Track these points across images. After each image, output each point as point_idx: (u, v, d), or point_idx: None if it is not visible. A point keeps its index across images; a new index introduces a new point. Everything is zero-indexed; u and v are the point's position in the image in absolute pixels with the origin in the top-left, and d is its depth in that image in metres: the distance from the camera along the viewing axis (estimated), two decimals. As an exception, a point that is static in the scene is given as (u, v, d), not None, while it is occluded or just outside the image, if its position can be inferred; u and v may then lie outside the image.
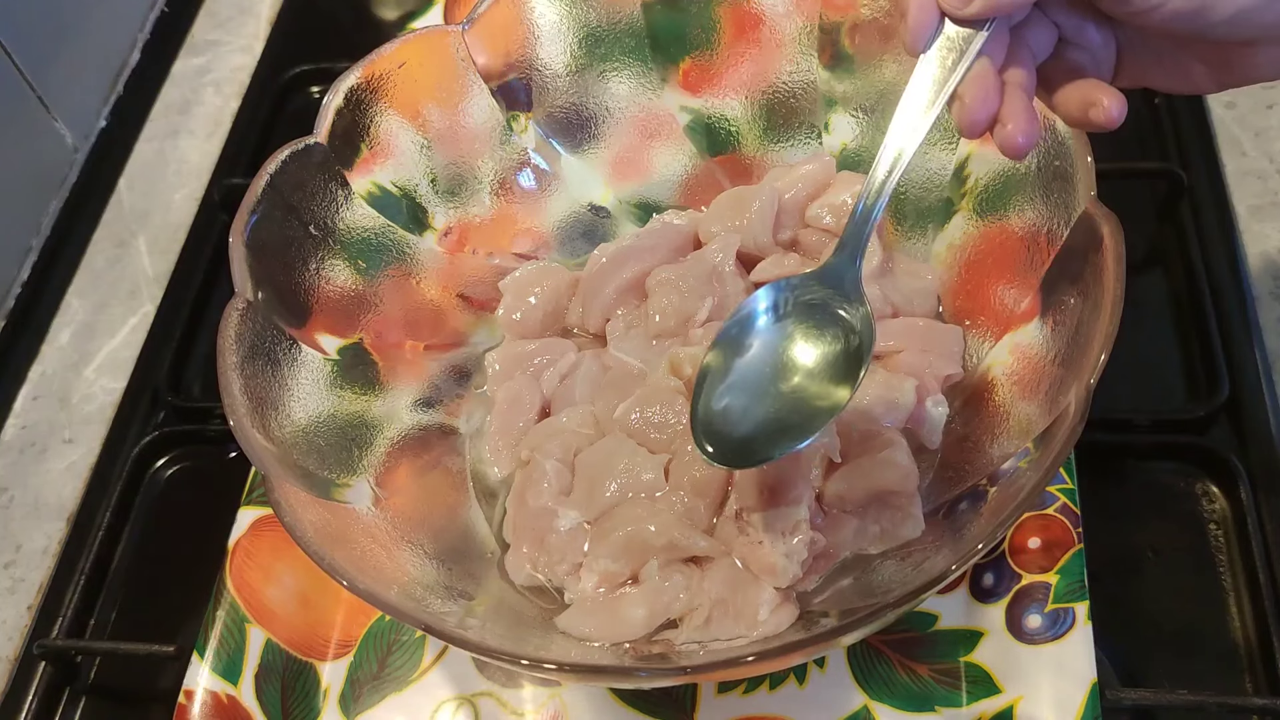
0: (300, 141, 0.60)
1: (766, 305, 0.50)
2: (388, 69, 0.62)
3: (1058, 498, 0.58)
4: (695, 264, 0.63)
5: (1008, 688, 0.54)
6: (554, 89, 0.68)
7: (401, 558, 0.54)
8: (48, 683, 0.63)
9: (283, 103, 0.89)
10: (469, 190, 0.67)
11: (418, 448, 0.62)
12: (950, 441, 0.58)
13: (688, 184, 0.70)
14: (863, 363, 0.48)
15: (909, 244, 0.65)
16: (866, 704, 0.55)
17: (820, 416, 0.48)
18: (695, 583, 0.54)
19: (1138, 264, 0.70)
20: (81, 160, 0.86)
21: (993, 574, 0.57)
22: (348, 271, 0.62)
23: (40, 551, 0.69)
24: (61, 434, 0.74)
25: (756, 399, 0.49)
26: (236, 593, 0.61)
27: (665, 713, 0.56)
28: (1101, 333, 0.47)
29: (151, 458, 0.71)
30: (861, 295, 0.49)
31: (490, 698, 0.58)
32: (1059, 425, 0.47)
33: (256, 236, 0.57)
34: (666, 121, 0.69)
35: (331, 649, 0.60)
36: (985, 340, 0.59)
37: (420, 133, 0.65)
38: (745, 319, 0.51)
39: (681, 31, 0.67)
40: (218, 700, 0.58)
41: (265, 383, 0.55)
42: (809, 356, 0.48)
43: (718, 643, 0.53)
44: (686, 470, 0.56)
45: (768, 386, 0.49)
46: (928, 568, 0.51)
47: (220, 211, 0.82)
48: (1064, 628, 0.55)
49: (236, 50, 0.95)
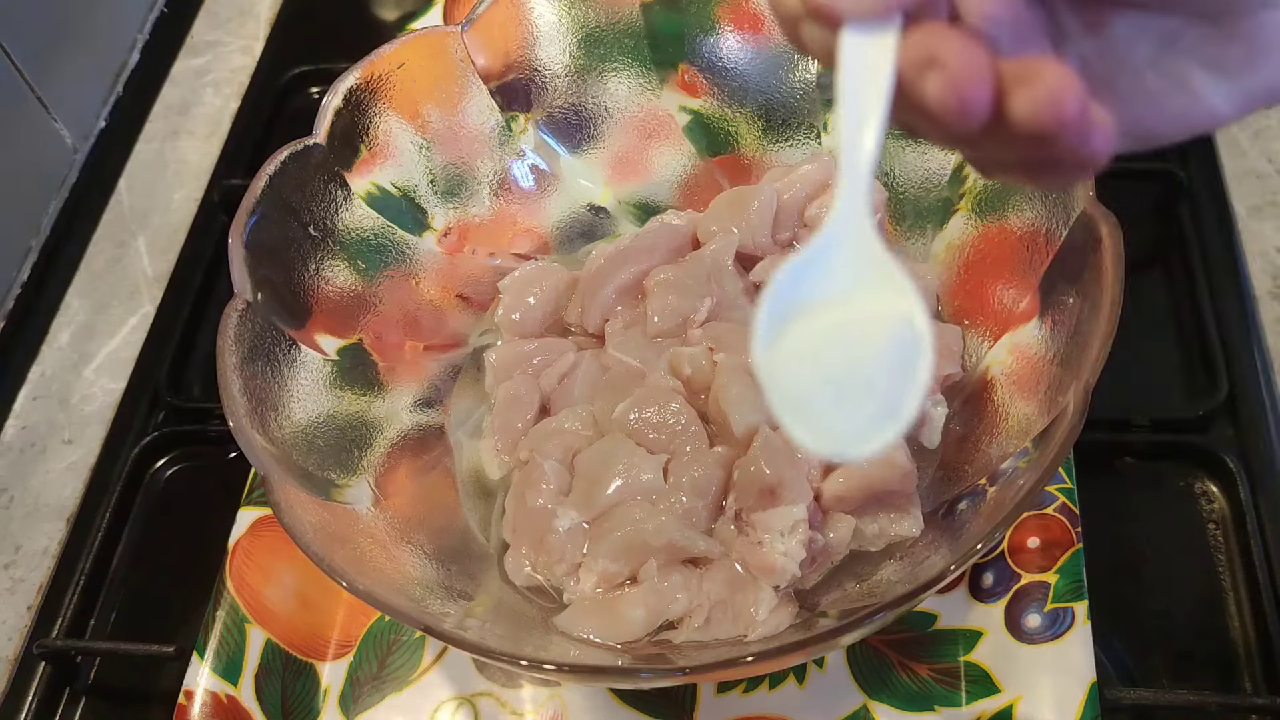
0: (300, 142, 0.60)
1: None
2: (387, 69, 0.62)
3: (1057, 497, 0.58)
4: (694, 264, 0.63)
5: (1007, 687, 0.54)
6: (553, 89, 0.68)
7: (401, 558, 0.54)
8: (47, 683, 0.63)
9: (282, 103, 0.89)
10: (468, 191, 0.67)
11: (417, 448, 0.62)
12: (949, 441, 0.58)
13: (687, 184, 0.70)
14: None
15: (908, 244, 0.65)
16: (866, 704, 0.55)
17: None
18: (694, 583, 0.54)
19: (1137, 264, 0.70)
20: (81, 161, 0.86)
21: (992, 574, 0.57)
22: (347, 272, 0.62)
23: (40, 552, 0.69)
24: (61, 434, 0.74)
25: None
26: (236, 593, 0.61)
27: (665, 713, 0.56)
28: (1100, 332, 0.47)
29: (151, 458, 0.71)
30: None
31: (490, 698, 0.58)
32: (1058, 425, 0.47)
33: (256, 237, 0.57)
34: (665, 122, 0.69)
35: (331, 649, 0.60)
36: (984, 340, 0.59)
37: (419, 133, 0.65)
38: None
39: (681, 31, 0.67)
40: (217, 700, 0.59)
41: (265, 383, 0.55)
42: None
43: (717, 643, 0.53)
44: (685, 470, 0.56)
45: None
46: (927, 568, 0.51)
47: (220, 212, 0.82)
48: (1063, 627, 0.55)
49: (236, 51, 0.95)
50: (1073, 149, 0.29)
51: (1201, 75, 0.31)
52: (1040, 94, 0.28)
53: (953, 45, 0.29)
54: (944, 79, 0.28)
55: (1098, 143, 0.29)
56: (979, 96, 0.28)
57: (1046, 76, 0.28)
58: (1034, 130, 0.28)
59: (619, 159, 0.70)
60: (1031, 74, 0.28)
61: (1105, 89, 0.31)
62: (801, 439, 0.31)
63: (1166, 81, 0.31)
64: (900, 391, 0.30)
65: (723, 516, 0.56)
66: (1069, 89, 0.28)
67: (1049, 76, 0.28)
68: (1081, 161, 0.29)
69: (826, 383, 0.31)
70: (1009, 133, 0.29)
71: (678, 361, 0.59)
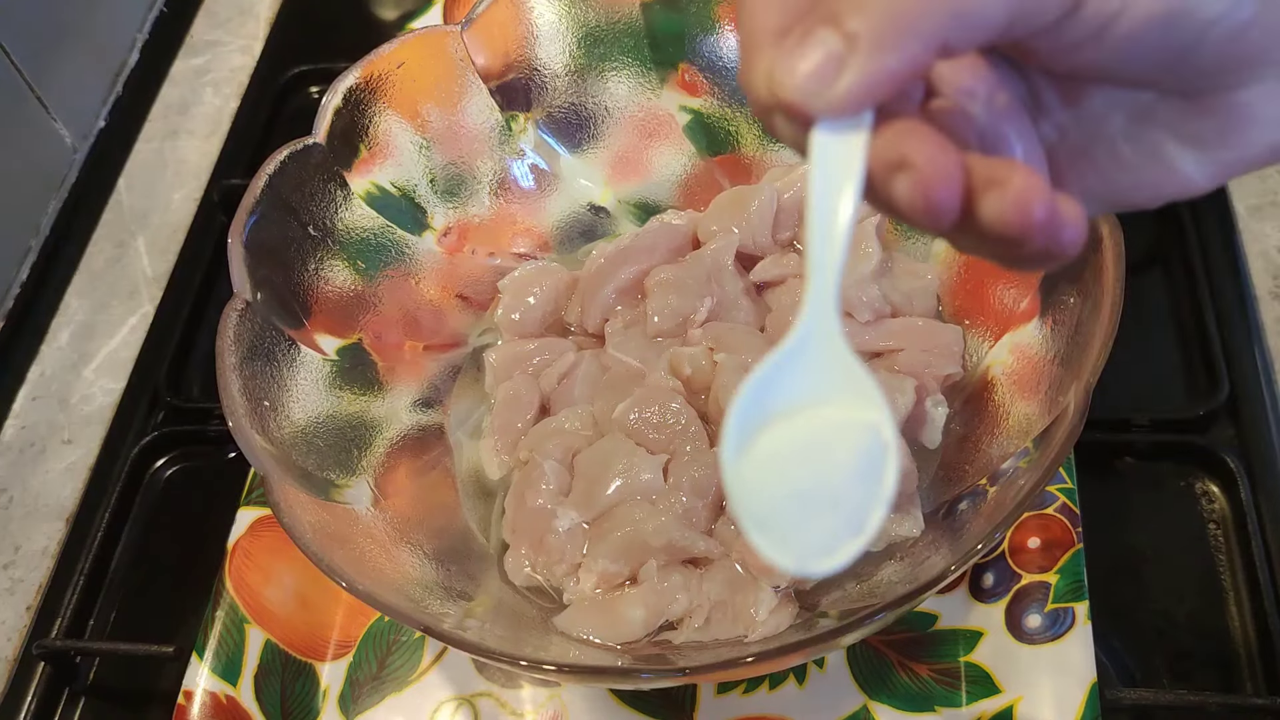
0: (299, 142, 0.60)
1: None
2: (386, 69, 0.62)
3: (1057, 497, 0.58)
4: (694, 264, 0.63)
5: (1007, 688, 0.54)
6: (553, 89, 0.67)
7: (400, 558, 0.54)
8: (47, 683, 0.63)
9: (282, 103, 0.89)
10: (468, 190, 0.67)
11: (417, 448, 0.62)
12: (950, 441, 0.58)
13: (687, 184, 0.70)
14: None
15: (909, 243, 0.64)
16: (866, 704, 0.55)
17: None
18: (694, 583, 0.54)
19: (1137, 263, 0.70)
20: (80, 160, 0.86)
21: (992, 574, 0.57)
22: (347, 272, 0.62)
23: (39, 552, 0.69)
24: (61, 434, 0.74)
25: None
26: (235, 593, 0.61)
27: (665, 713, 0.56)
28: (1101, 332, 0.47)
29: (151, 458, 0.71)
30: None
31: (490, 698, 0.58)
32: (1058, 425, 0.47)
33: (255, 237, 0.57)
34: (666, 121, 0.69)
35: (331, 649, 0.60)
36: (985, 340, 0.59)
37: (419, 133, 0.65)
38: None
39: (681, 31, 0.67)
40: (217, 701, 0.58)
41: (264, 383, 0.55)
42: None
43: (717, 643, 0.53)
44: (685, 471, 0.56)
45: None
46: (927, 568, 0.51)
47: (219, 212, 0.82)
48: (1064, 627, 0.55)
49: (235, 50, 0.95)
50: (1042, 246, 0.29)
51: (1175, 147, 0.31)
52: (1008, 198, 0.28)
53: (923, 147, 0.28)
54: (913, 181, 0.28)
55: (1068, 238, 0.29)
56: (948, 199, 0.28)
57: (1014, 181, 0.28)
58: (1001, 233, 0.29)
59: (619, 159, 0.70)
60: (1000, 178, 0.28)
61: (1081, 158, 0.32)
62: (766, 554, 0.30)
63: (1141, 152, 0.31)
64: (866, 505, 0.30)
65: (723, 516, 0.56)
66: (1036, 194, 0.28)
67: (1016, 181, 0.28)
68: (1052, 255, 0.29)
69: (792, 495, 0.30)
70: (978, 230, 0.29)
71: (678, 361, 0.59)
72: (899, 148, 0.28)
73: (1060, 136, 0.32)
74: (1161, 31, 0.28)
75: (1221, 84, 0.30)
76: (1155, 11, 0.28)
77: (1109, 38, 0.28)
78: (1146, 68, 0.29)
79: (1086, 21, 0.28)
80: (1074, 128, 0.32)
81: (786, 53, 0.28)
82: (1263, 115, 0.30)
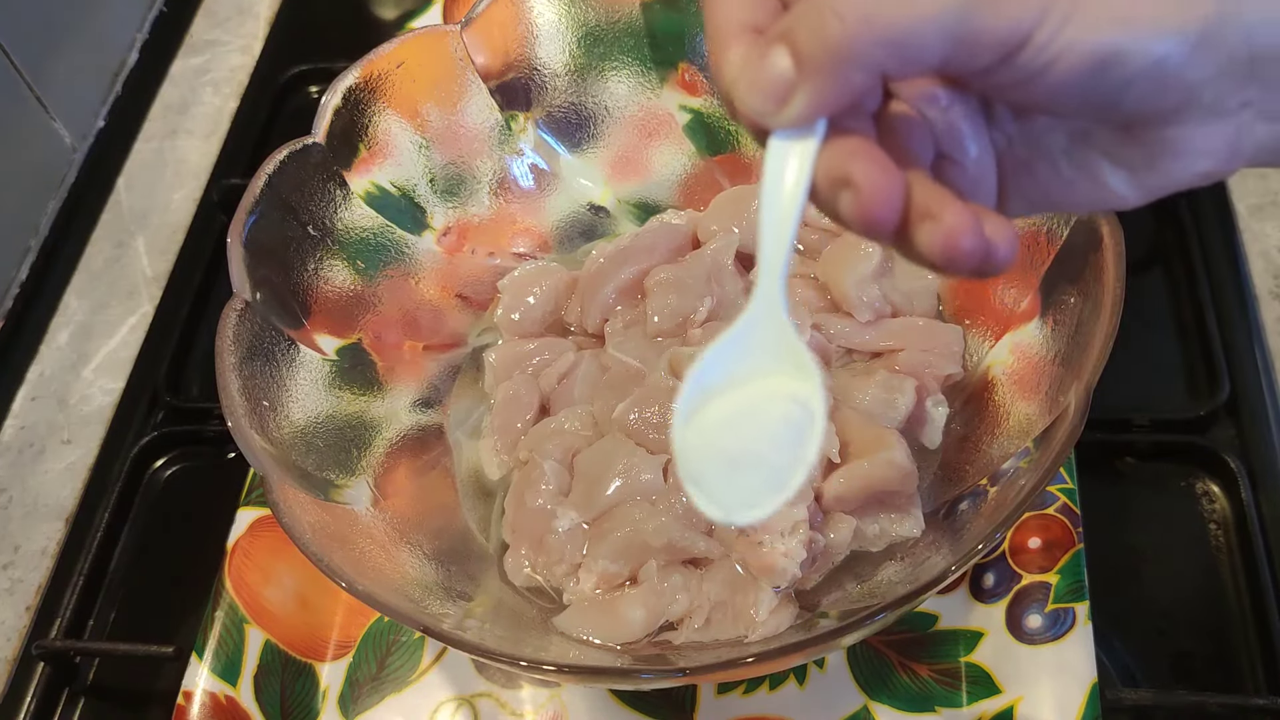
0: (299, 141, 0.60)
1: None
2: (386, 69, 0.62)
3: (1058, 498, 0.58)
4: (694, 264, 0.63)
5: (1008, 688, 0.54)
6: (553, 88, 0.67)
7: (400, 559, 0.54)
8: (46, 683, 0.63)
9: (281, 103, 0.89)
10: (468, 190, 0.67)
11: (416, 448, 0.61)
12: (950, 441, 0.58)
13: (687, 183, 0.70)
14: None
15: (908, 243, 0.64)
16: (866, 704, 0.55)
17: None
18: (694, 584, 0.54)
19: (1138, 263, 0.70)
20: (80, 160, 0.86)
21: (993, 574, 0.57)
22: (346, 272, 0.62)
23: (39, 552, 0.69)
24: (60, 435, 0.74)
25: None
26: (235, 593, 0.61)
27: (665, 713, 0.56)
28: (1101, 332, 0.47)
29: (150, 458, 0.71)
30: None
31: (489, 699, 0.57)
32: (1059, 425, 0.47)
33: (255, 237, 0.57)
34: (666, 121, 0.69)
35: (330, 649, 0.60)
36: (985, 340, 0.59)
37: (419, 132, 0.65)
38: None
39: (681, 30, 0.67)
40: (216, 701, 0.58)
41: (264, 383, 0.55)
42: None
43: (717, 644, 0.53)
44: (686, 470, 0.56)
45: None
46: (928, 568, 0.51)
47: (219, 212, 0.81)
48: (1064, 628, 0.55)
49: (235, 50, 0.95)
50: (975, 266, 0.32)
51: (1109, 168, 0.34)
52: (939, 232, 0.31)
53: (867, 169, 0.31)
54: (855, 200, 0.31)
55: (1000, 257, 0.32)
56: (885, 220, 0.31)
57: (946, 218, 0.31)
58: (931, 259, 0.32)
59: (619, 158, 0.70)
60: (934, 211, 0.31)
61: (1024, 168, 0.35)
62: (697, 503, 0.34)
63: (1078, 169, 0.34)
64: (789, 466, 0.33)
65: (723, 517, 0.55)
66: (964, 230, 0.31)
67: (948, 219, 0.31)
68: (985, 271, 0.32)
69: (725, 455, 0.34)
70: (914, 249, 0.32)
71: (678, 361, 0.59)
72: (845, 166, 0.31)
73: (1008, 144, 0.35)
74: (1091, 78, 0.30)
75: (1151, 122, 0.32)
76: (1086, 62, 0.30)
77: (1042, 82, 0.30)
78: (1078, 106, 0.32)
79: (1020, 68, 0.30)
80: (1020, 140, 0.35)
81: (745, 70, 0.31)
82: (1189, 149, 0.32)
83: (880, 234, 0.32)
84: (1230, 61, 0.30)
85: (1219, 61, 0.30)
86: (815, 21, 0.30)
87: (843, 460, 0.55)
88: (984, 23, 0.29)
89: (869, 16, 0.29)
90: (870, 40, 0.29)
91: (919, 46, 0.30)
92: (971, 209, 0.32)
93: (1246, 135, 0.32)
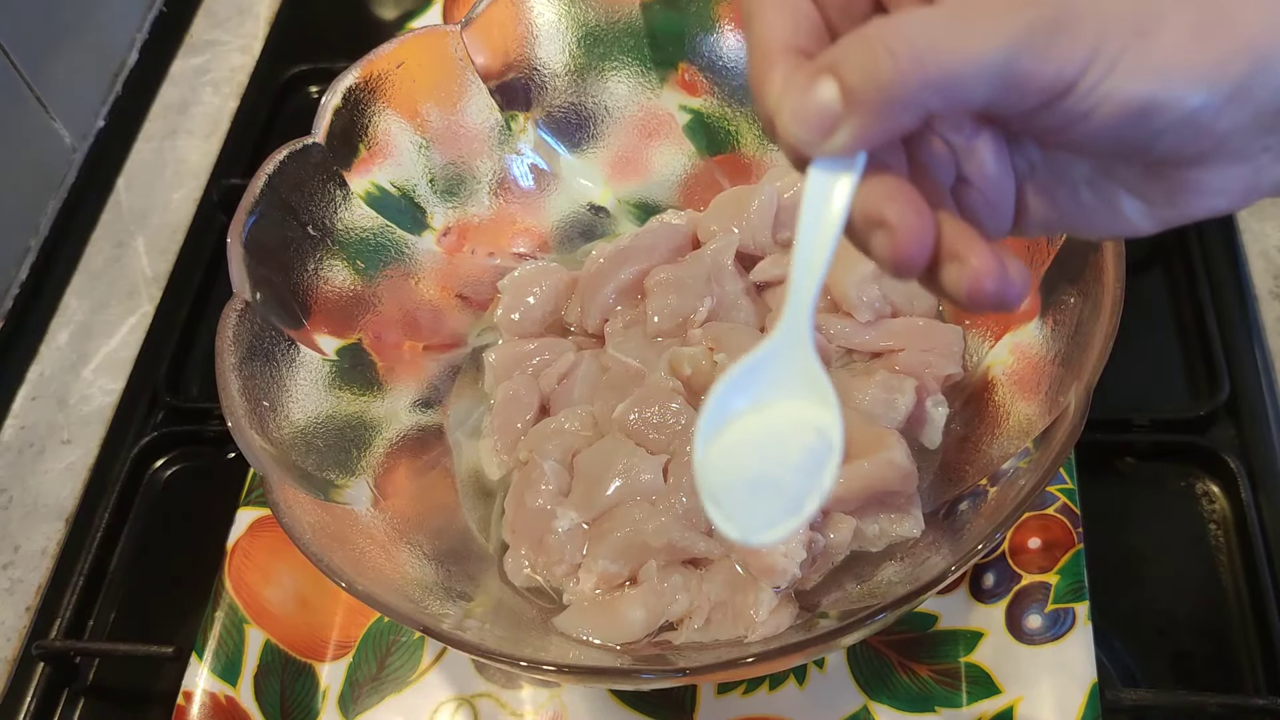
0: (298, 142, 0.60)
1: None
2: (386, 69, 0.62)
3: (1058, 498, 0.58)
4: (694, 264, 0.63)
5: (1008, 688, 0.54)
6: (553, 88, 0.67)
7: (400, 559, 0.54)
8: (46, 683, 0.63)
9: (281, 103, 0.89)
10: (467, 190, 0.67)
11: (416, 448, 0.61)
12: (950, 441, 0.58)
13: (687, 184, 0.70)
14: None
15: (908, 244, 0.64)
16: (866, 705, 0.55)
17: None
18: (694, 584, 0.54)
19: (1137, 263, 0.70)
20: (80, 160, 0.86)
21: (993, 574, 0.57)
22: (346, 272, 0.62)
23: (39, 552, 0.69)
24: (60, 435, 0.74)
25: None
26: (235, 593, 0.61)
27: (665, 714, 0.56)
28: (1101, 332, 0.47)
29: (150, 458, 0.71)
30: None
31: (489, 699, 0.57)
32: (1059, 425, 0.47)
33: (255, 237, 0.57)
34: (666, 121, 0.69)
35: (330, 650, 0.60)
36: (985, 340, 0.59)
37: (419, 132, 0.65)
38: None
39: (681, 30, 0.67)
40: (216, 701, 0.58)
41: (264, 383, 0.55)
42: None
43: (717, 644, 0.53)
44: (686, 471, 0.56)
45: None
46: (928, 568, 0.51)
47: (219, 212, 0.81)
48: (1064, 628, 0.55)
49: (235, 50, 0.95)
50: (992, 304, 0.33)
51: (1127, 200, 0.34)
52: (965, 274, 0.32)
53: (903, 212, 0.32)
54: (889, 241, 0.32)
55: (1012, 298, 0.33)
56: (915, 262, 0.32)
57: (972, 261, 0.32)
58: (956, 297, 0.33)
59: (619, 158, 0.70)
60: (962, 253, 0.32)
61: (1044, 194, 0.35)
62: (715, 522, 0.35)
63: (1097, 199, 0.35)
64: (806, 493, 0.34)
65: (723, 517, 0.55)
66: (988, 272, 0.32)
67: (973, 261, 0.32)
68: (999, 308, 0.33)
69: (744, 477, 0.35)
70: (939, 285, 0.33)
71: (678, 361, 0.59)
72: (881, 209, 0.32)
73: (1030, 170, 0.35)
74: (1131, 124, 0.31)
75: (1177, 164, 0.33)
76: (1125, 110, 0.30)
77: (1080, 128, 0.31)
78: (1111, 150, 0.32)
79: (1061, 113, 0.31)
80: (1043, 167, 0.35)
81: (791, 97, 0.31)
82: (1208, 188, 0.33)
83: (909, 274, 0.33)
84: (1259, 114, 0.31)
85: (1249, 113, 0.31)
86: (866, 57, 0.30)
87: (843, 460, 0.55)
88: (1032, 66, 0.30)
89: (921, 57, 0.29)
90: (921, 83, 0.30)
91: (968, 89, 0.30)
92: (995, 252, 0.32)
93: (1265, 176, 0.33)
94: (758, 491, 0.35)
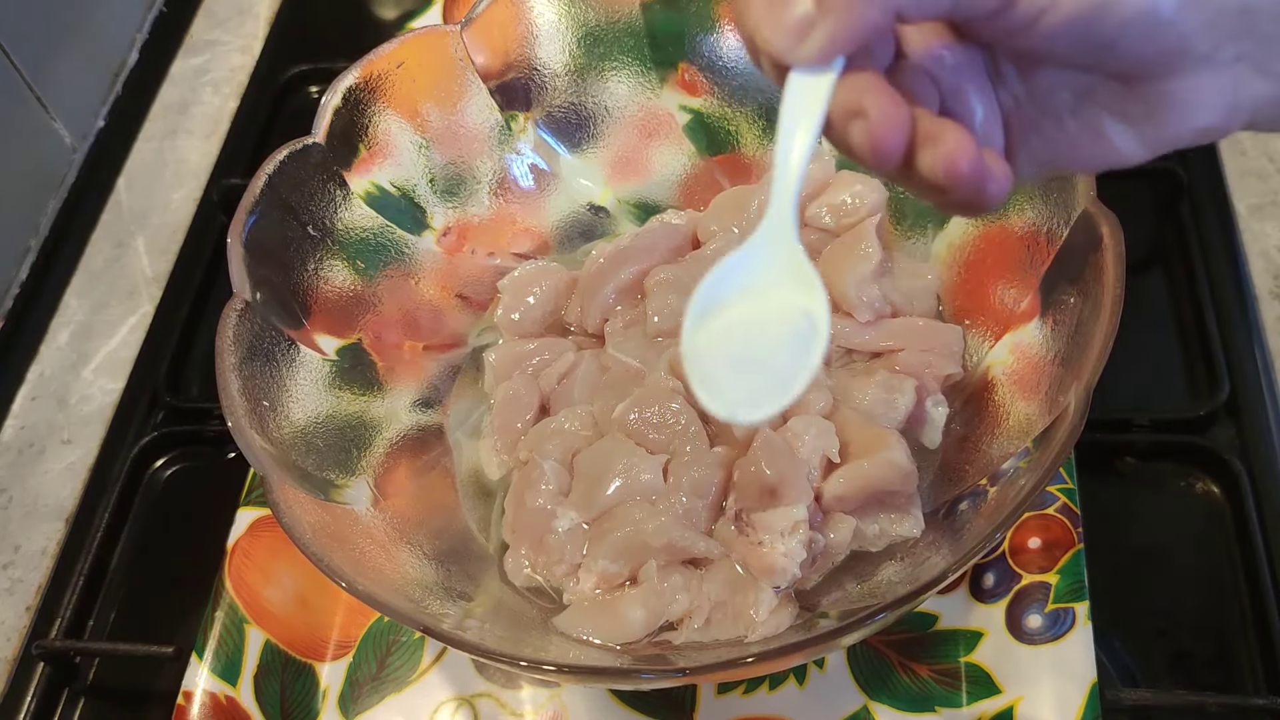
0: (299, 142, 0.60)
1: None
2: (386, 69, 0.62)
3: (1058, 498, 0.58)
4: (694, 264, 0.63)
5: (1008, 688, 0.54)
6: (553, 88, 0.67)
7: (400, 559, 0.54)
8: (46, 683, 0.63)
9: (281, 103, 0.89)
10: (467, 190, 0.67)
11: (416, 448, 0.61)
12: (950, 441, 0.58)
13: (687, 184, 0.70)
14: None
15: (909, 243, 0.64)
16: (866, 704, 0.55)
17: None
18: (694, 584, 0.54)
19: (1138, 264, 0.70)
20: (80, 160, 0.86)
21: (993, 574, 0.57)
22: (346, 272, 0.62)
23: (39, 552, 0.69)
24: (60, 435, 0.74)
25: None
26: (235, 593, 0.61)
27: (665, 713, 0.56)
28: (1101, 332, 0.47)
29: (150, 458, 0.71)
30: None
31: (489, 699, 0.57)
32: (1059, 425, 0.47)
33: (255, 237, 0.57)
34: (665, 121, 0.69)
35: (330, 650, 0.60)
36: (985, 340, 0.59)
37: (419, 132, 0.65)
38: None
39: (681, 30, 0.67)
40: (216, 701, 0.58)
41: (264, 383, 0.55)
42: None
43: (717, 644, 0.53)
44: (685, 471, 0.56)
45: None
46: (928, 568, 0.51)
47: (219, 212, 0.81)
48: (1064, 628, 0.55)
49: (235, 50, 0.95)
50: (969, 194, 0.34)
51: (1111, 123, 0.36)
52: (940, 153, 0.34)
53: (878, 100, 0.33)
54: (866, 129, 0.34)
55: (992, 190, 0.34)
56: (893, 148, 0.34)
57: (947, 140, 0.34)
58: (932, 181, 0.34)
59: (619, 158, 0.70)
60: (936, 135, 0.34)
61: (1031, 127, 0.37)
62: (704, 403, 0.36)
63: (1083, 126, 0.36)
64: (793, 371, 0.36)
65: (723, 517, 0.55)
66: (963, 152, 0.33)
67: (949, 140, 0.34)
68: (978, 203, 0.35)
69: (732, 359, 0.37)
70: (916, 176, 0.34)
71: (678, 361, 0.59)
72: (859, 99, 0.34)
73: (1015, 105, 0.37)
74: (1084, 26, 0.32)
75: (1149, 73, 0.34)
76: (1077, 9, 0.32)
77: (1039, 29, 0.33)
78: (1076, 54, 0.34)
79: (1019, 15, 0.33)
80: (1027, 100, 0.37)
81: (769, 11, 0.34)
82: (1188, 101, 0.34)
83: (888, 162, 0.34)
84: (1221, 12, 0.32)
85: (1209, 11, 0.32)
86: None
87: (843, 460, 0.55)
88: None
89: None
90: None
91: None
92: (972, 138, 0.34)
93: (1244, 89, 0.34)
94: (745, 372, 0.37)
